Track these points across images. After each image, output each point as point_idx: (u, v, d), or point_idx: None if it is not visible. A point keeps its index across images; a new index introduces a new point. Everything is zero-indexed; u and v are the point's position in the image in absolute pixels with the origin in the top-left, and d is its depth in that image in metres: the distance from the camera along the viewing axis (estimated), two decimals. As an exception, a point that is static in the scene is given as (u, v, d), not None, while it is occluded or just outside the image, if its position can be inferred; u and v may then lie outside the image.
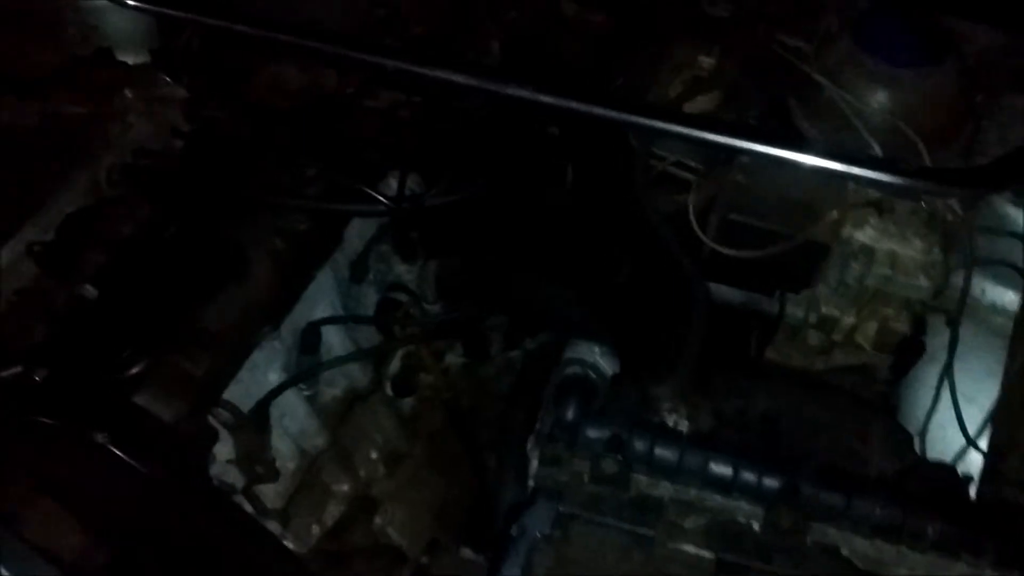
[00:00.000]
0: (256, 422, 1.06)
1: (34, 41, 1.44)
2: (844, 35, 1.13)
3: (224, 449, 1.06)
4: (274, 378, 1.13)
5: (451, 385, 1.35)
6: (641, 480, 0.91)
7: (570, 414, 0.93)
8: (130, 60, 1.35)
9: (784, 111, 1.17)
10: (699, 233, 1.08)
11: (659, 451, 0.90)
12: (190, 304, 1.08)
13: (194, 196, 1.18)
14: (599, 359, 1.00)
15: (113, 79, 1.30)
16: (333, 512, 1.19)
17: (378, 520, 1.24)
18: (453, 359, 1.36)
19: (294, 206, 1.18)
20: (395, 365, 1.29)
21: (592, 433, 0.92)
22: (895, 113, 1.12)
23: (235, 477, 1.07)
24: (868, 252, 1.07)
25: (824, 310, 1.10)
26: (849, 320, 1.10)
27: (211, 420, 1.04)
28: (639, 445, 0.91)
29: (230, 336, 1.09)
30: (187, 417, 1.01)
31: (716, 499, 0.90)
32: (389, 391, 1.30)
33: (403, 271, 1.29)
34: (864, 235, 1.07)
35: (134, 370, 1.02)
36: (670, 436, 0.93)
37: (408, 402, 1.32)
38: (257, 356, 1.11)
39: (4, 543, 1.03)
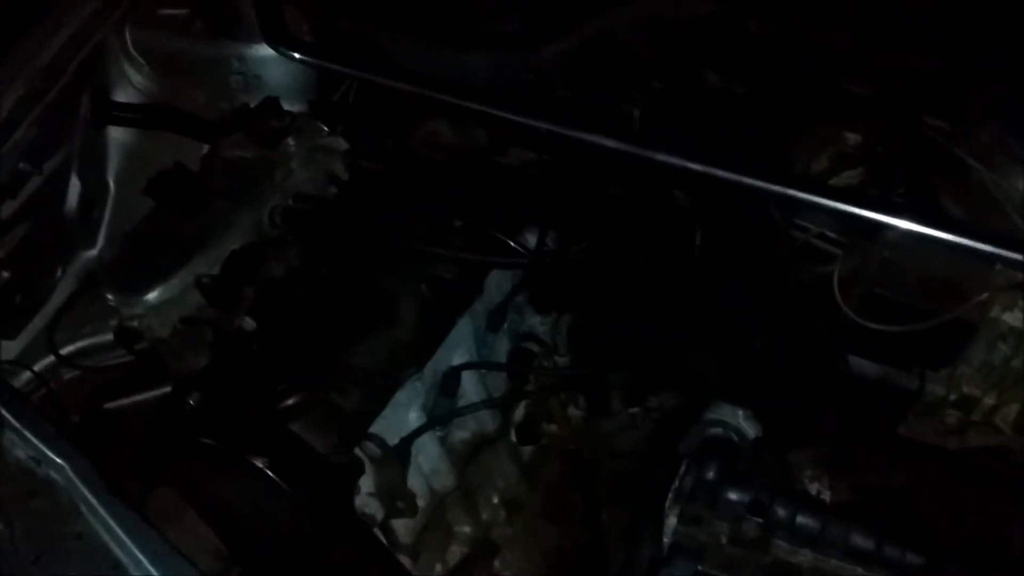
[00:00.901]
0: (399, 458, 1.11)
1: (200, 88, 1.55)
2: (992, 118, 1.14)
3: (367, 482, 1.10)
4: (414, 417, 1.18)
5: (572, 437, 1.38)
6: (781, 546, 0.92)
7: (712, 474, 0.95)
8: (294, 108, 1.44)
9: (929, 190, 1.18)
10: (842, 305, 1.09)
11: (801, 518, 0.91)
12: (343, 342, 1.14)
13: (348, 240, 1.25)
14: (742, 422, 1.02)
15: (279, 127, 1.38)
16: (455, 552, 1.23)
17: (497, 564, 1.26)
18: (576, 412, 1.39)
19: (441, 255, 1.23)
20: (521, 413, 1.33)
21: (733, 495, 0.93)
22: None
23: (375, 509, 1.11)
24: (1017, 334, 1.07)
25: (965, 389, 1.10)
26: (990, 401, 1.10)
27: (359, 453, 1.08)
28: (781, 511, 0.92)
29: (378, 375, 1.14)
30: (337, 449, 1.06)
31: (856, 571, 0.91)
32: (514, 438, 1.33)
33: (537, 323, 1.33)
34: (1013, 317, 1.07)
35: (290, 401, 1.08)
36: (813, 504, 0.94)
37: (530, 450, 1.36)
38: (400, 395, 1.16)
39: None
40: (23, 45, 1.45)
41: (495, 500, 1.30)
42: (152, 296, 1.15)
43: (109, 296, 1.16)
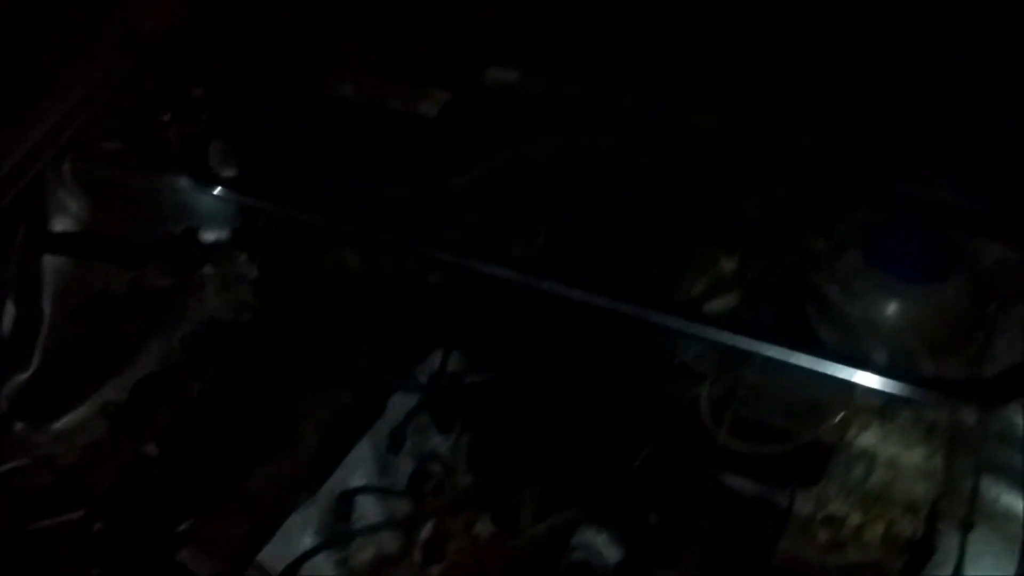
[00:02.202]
0: (285, 583, 1.14)
1: (131, 216, 1.63)
2: (856, 246, 1.21)
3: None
4: (308, 542, 1.21)
5: (480, 555, 1.40)
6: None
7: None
8: (213, 237, 1.52)
9: (803, 315, 1.24)
10: (711, 426, 1.14)
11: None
12: (240, 467, 1.19)
13: (255, 366, 1.30)
14: (603, 547, 1.06)
15: (196, 256, 1.45)
16: None
17: None
18: (483, 529, 1.42)
19: (342, 379, 1.29)
20: (426, 532, 1.35)
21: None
22: (904, 325, 1.19)
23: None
24: (871, 456, 1.12)
25: (830, 508, 1.14)
26: (855, 519, 1.14)
27: (246, 579, 1.12)
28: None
29: (271, 500, 1.18)
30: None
31: None
32: (419, 558, 1.36)
33: (439, 442, 1.38)
34: (867, 439, 1.12)
35: (181, 527, 1.12)
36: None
37: (436, 570, 1.38)
38: (293, 519, 1.20)
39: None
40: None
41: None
42: (60, 424, 1.20)
43: (19, 425, 1.21)
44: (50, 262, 1.62)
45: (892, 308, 1.20)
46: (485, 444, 1.36)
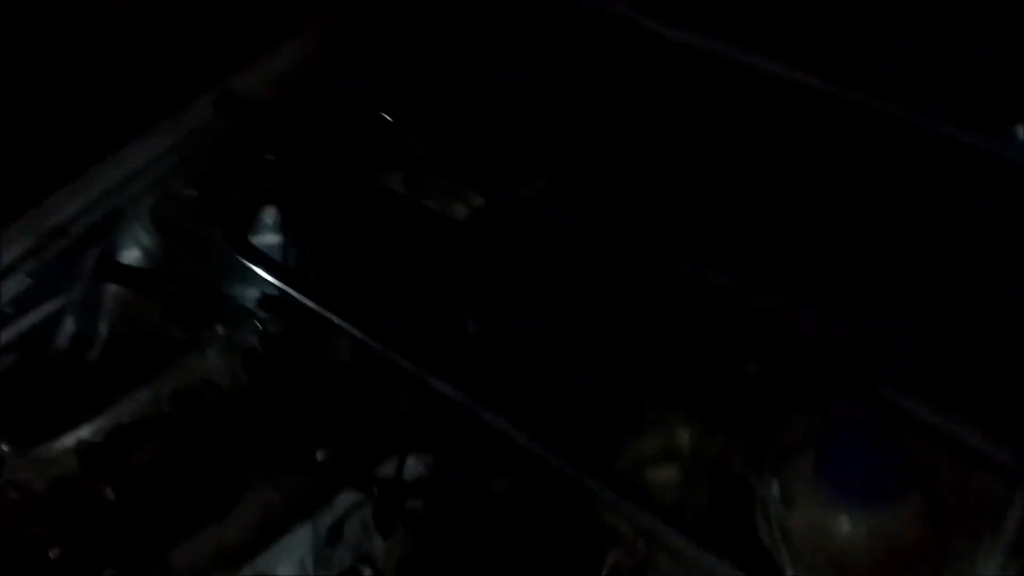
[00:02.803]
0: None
1: (197, 262, 1.75)
2: (806, 456, 1.15)
3: None
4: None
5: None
6: None
7: None
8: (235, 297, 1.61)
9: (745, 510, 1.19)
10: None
11: None
12: (171, 535, 1.25)
13: (223, 432, 1.38)
14: None
15: (212, 311, 1.55)
16: None
17: None
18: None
19: (298, 465, 1.34)
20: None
21: None
22: (846, 547, 1.11)
23: None
24: None
25: None
26: None
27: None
28: None
29: (192, 570, 1.24)
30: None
31: None
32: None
33: (377, 545, 1.40)
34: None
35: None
36: None
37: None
38: (209, 593, 1.26)
39: None
40: (44, 204, 1.71)
41: None
42: (37, 452, 1.31)
43: (3, 446, 1.33)
44: (112, 290, 1.78)
45: (836, 526, 1.13)
46: (420, 555, 1.38)
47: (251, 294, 1.60)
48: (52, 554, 1.28)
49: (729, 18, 1.47)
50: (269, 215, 1.71)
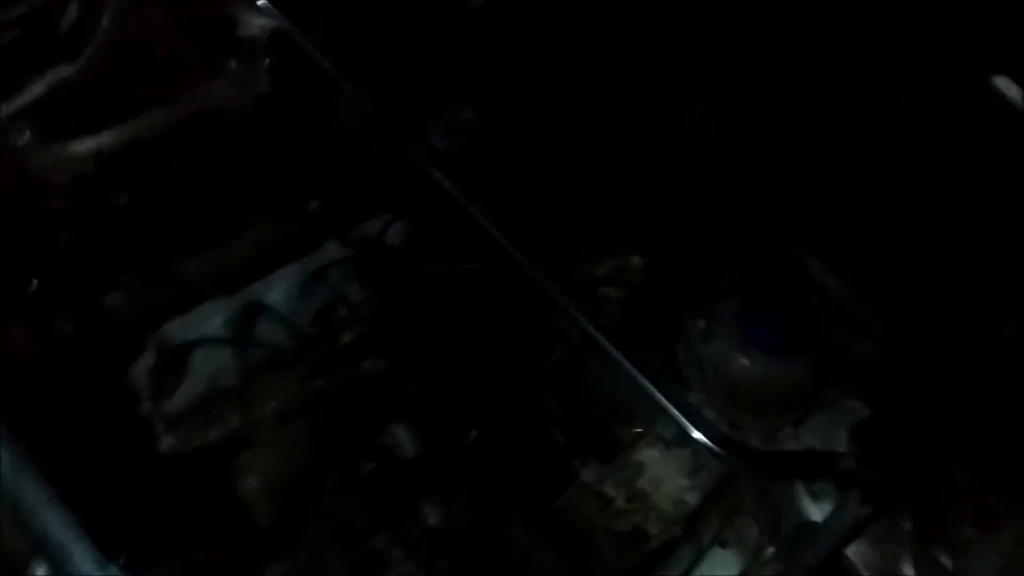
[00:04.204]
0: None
1: None
2: (732, 302, 1.39)
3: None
4: (212, 330, 1.47)
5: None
6: None
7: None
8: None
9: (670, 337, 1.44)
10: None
11: None
12: (177, 249, 1.42)
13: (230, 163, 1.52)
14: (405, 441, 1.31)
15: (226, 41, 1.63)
16: (211, 435, 1.53)
17: (244, 456, 1.57)
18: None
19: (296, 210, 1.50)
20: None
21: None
22: (744, 381, 1.38)
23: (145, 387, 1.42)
24: (644, 466, 1.35)
25: (605, 485, 1.39)
26: (620, 503, 1.39)
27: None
28: None
29: (192, 283, 1.43)
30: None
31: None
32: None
33: (355, 291, 1.60)
34: (648, 453, 1.35)
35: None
36: None
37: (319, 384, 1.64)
38: (207, 307, 1.46)
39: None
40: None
41: (270, 407, 1.59)
42: (58, 149, 1.43)
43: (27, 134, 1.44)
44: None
45: (741, 365, 1.39)
46: (391, 307, 1.60)
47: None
48: (63, 238, 1.44)
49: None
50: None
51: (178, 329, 1.42)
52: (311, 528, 1.29)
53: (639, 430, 1.37)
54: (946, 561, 1.28)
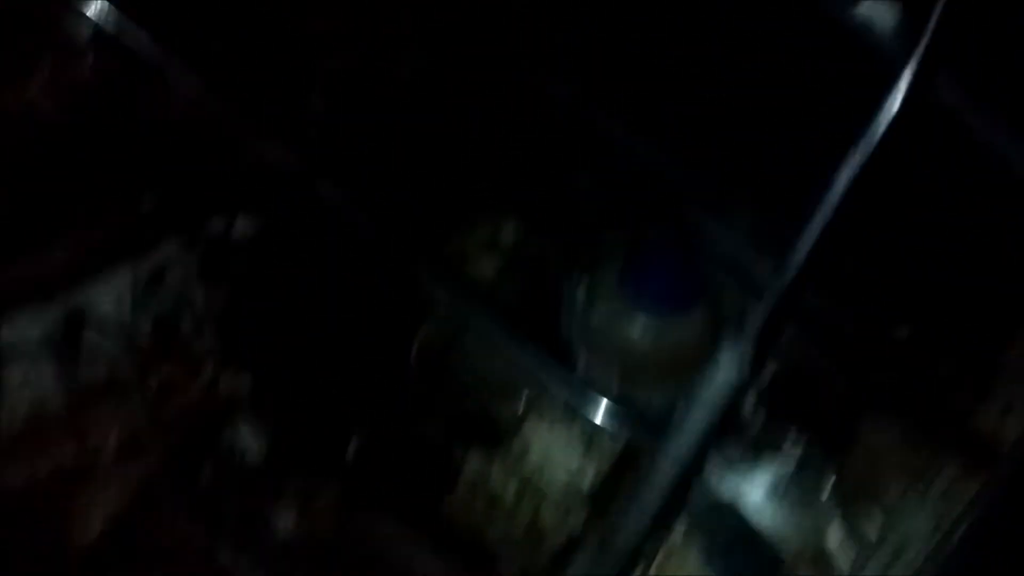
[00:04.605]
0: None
1: None
2: (613, 263, 1.26)
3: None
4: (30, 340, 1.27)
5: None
6: None
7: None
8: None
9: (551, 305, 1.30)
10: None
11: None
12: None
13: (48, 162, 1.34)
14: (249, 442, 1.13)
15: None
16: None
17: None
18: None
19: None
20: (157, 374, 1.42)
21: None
22: (636, 355, 1.25)
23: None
24: (524, 451, 1.20)
25: (493, 476, 1.23)
26: (511, 496, 1.22)
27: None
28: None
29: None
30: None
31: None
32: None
33: (200, 295, 1.43)
34: (529, 436, 1.20)
35: None
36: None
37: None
38: (21, 316, 1.26)
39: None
40: None
41: (111, 437, 1.39)
42: None
43: None
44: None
45: (629, 329, 1.26)
46: (241, 309, 1.42)
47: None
48: None
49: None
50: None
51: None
52: (144, 549, 1.08)
53: (521, 411, 1.21)
54: (874, 520, 1.15)
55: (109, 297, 1.36)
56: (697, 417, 0.98)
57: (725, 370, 0.97)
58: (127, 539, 1.14)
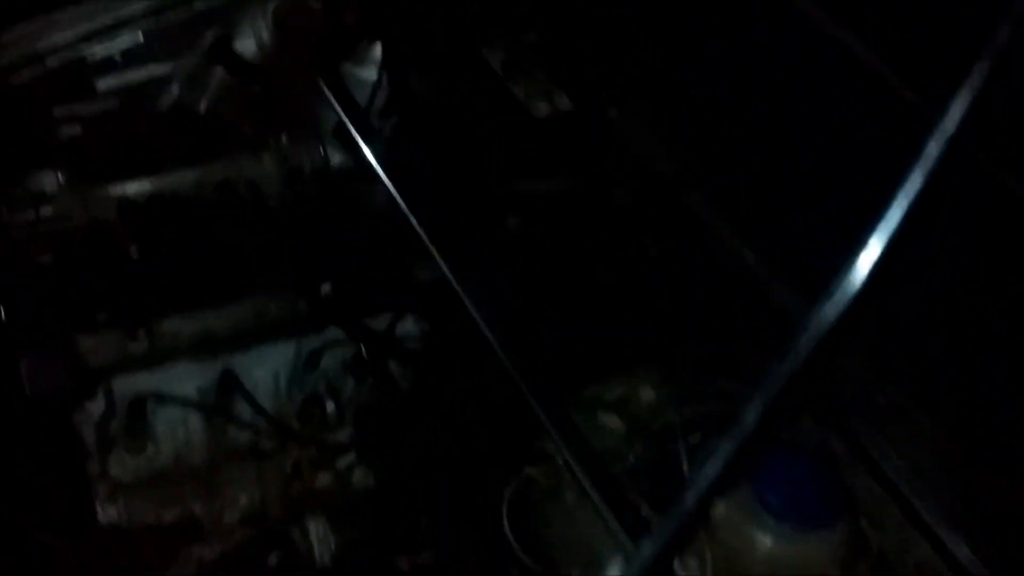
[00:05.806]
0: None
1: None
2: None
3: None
4: (189, 390, 1.36)
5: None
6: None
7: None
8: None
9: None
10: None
11: None
12: (171, 304, 1.34)
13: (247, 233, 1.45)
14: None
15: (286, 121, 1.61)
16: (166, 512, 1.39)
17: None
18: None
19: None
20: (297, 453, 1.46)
21: None
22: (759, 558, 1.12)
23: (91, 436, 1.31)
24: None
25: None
26: None
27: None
28: None
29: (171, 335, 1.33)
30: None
31: None
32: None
33: (349, 385, 1.46)
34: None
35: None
36: None
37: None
38: (183, 365, 1.35)
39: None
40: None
41: (241, 503, 1.44)
42: (85, 190, 1.42)
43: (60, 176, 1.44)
44: (219, 72, 1.84)
45: (759, 539, 1.13)
46: (379, 409, 1.44)
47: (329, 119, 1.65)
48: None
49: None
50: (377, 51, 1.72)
51: (140, 382, 1.32)
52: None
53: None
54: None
55: (269, 366, 1.43)
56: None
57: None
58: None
